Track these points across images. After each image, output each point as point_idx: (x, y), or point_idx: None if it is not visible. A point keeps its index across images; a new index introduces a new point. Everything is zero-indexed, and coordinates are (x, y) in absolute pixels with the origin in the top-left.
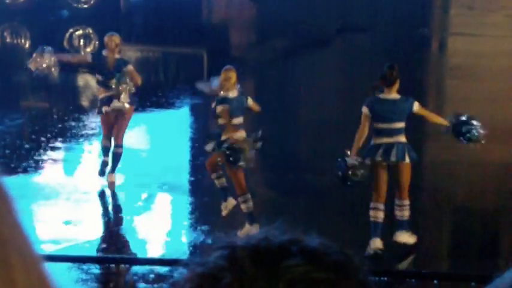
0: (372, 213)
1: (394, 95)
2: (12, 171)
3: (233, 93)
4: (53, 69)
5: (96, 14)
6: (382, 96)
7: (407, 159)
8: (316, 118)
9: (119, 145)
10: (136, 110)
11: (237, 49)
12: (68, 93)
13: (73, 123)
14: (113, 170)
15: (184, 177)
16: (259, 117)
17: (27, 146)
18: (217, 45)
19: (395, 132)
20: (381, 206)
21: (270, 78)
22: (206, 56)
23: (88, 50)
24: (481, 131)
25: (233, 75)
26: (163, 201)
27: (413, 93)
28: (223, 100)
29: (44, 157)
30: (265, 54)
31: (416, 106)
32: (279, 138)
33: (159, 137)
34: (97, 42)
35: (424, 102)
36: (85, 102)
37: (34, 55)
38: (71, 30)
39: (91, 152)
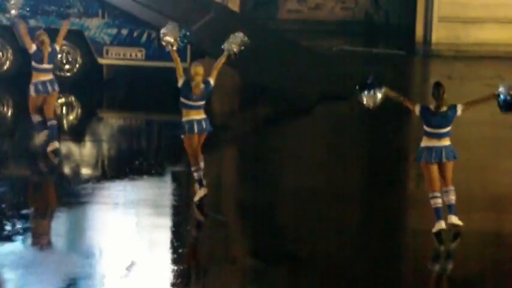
0: (432, 201)
1: (443, 108)
2: None
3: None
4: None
5: (78, 82)
6: (432, 108)
7: (453, 159)
8: (299, 186)
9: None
10: (117, 176)
11: (219, 116)
12: (49, 161)
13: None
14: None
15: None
16: (241, 182)
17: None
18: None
19: (443, 135)
20: (438, 194)
21: (253, 146)
22: None
23: (71, 117)
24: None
25: (201, 70)
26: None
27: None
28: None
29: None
30: (247, 122)
31: (460, 111)
32: (262, 207)
33: (141, 204)
34: (79, 110)
35: (404, 168)
36: (66, 170)
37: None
38: None
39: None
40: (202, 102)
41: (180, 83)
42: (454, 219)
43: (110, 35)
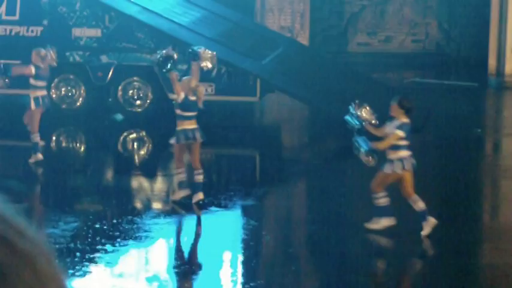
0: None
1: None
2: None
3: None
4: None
5: (149, 118)
6: (406, 121)
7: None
8: (367, 220)
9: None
10: (187, 210)
11: (290, 149)
12: (121, 196)
13: (127, 226)
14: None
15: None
16: (310, 215)
17: (82, 248)
18: (269, 147)
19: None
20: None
21: (322, 179)
22: (258, 157)
23: (142, 152)
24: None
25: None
26: None
27: (467, 193)
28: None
29: (99, 260)
30: (317, 155)
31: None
32: (332, 241)
33: (212, 237)
34: (150, 145)
35: (478, 201)
36: (138, 204)
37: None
38: (125, 133)
39: (145, 254)
40: (195, 113)
41: (181, 97)
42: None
43: (180, 70)
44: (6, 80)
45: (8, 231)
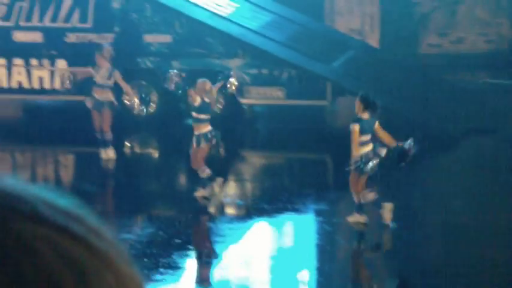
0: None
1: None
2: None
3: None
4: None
5: (222, 121)
6: (365, 117)
7: None
8: (445, 222)
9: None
10: (258, 215)
11: None
12: (194, 201)
13: (199, 231)
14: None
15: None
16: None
17: (157, 254)
18: (341, 151)
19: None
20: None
21: (396, 181)
22: (330, 161)
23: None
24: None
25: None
26: None
27: None
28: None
29: (175, 265)
30: (391, 158)
31: (377, 124)
32: (411, 243)
33: (284, 242)
34: (221, 149)
35: None
36: (212, 209)
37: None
38: None
39: (220, 259)
40: (209, 116)
41: (198, 101)
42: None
43: (250, 75)
44: (68, 83)
45: (85, 232)
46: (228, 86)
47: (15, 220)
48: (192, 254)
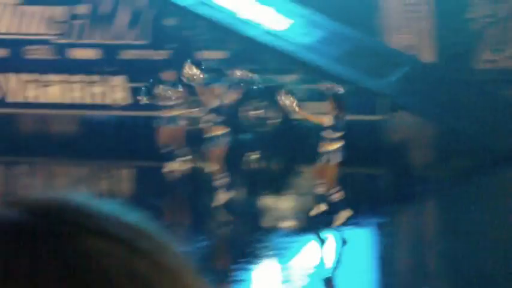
0: None
1: None
2: None
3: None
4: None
5: (274, 138)
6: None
7: None
8: (503, 238)
9: None
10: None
11: (417, 168)
12: (249, 216)
13: (261, 244)
14: None
15: None
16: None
17: (219, 267)
18: (397, 165)
19: None
20: None
21: (453, 198)
22: (386, 175)
23: (269, 172)
24: None
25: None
26: None
27: None
28: None
29: (238, 278)
30: (446, 174)
31: None
32: (466, 259)
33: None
34: (277, 164)
35: None
36: (268, 224)
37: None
38: (252, 153)
39: (282, 272)
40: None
41: (213, 104)
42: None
43: (304, 91)
44: (144, 99)
45: (153, 248)
46: (283, 101)
47: (83, 236)
48: (255, 267)
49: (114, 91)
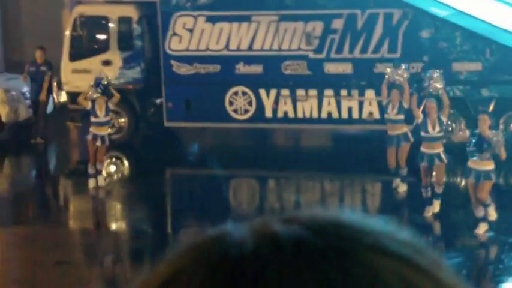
0: None
1: None
2: None
3: None
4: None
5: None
6: None
7: None
8: None
9: None
10: None
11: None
12: None
13: None
14: None
15: None
16: None
17: None
18: None
19: None
20: None
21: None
22: None
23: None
24: None
25: None
26: None
27: None
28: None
29: None
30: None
31: None
32: None
33: None
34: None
35: None
36: None
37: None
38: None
39: None
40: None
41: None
42: None
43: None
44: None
45: (430, 265)
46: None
47: (363, 252)
48: None
49: (366, 105)
